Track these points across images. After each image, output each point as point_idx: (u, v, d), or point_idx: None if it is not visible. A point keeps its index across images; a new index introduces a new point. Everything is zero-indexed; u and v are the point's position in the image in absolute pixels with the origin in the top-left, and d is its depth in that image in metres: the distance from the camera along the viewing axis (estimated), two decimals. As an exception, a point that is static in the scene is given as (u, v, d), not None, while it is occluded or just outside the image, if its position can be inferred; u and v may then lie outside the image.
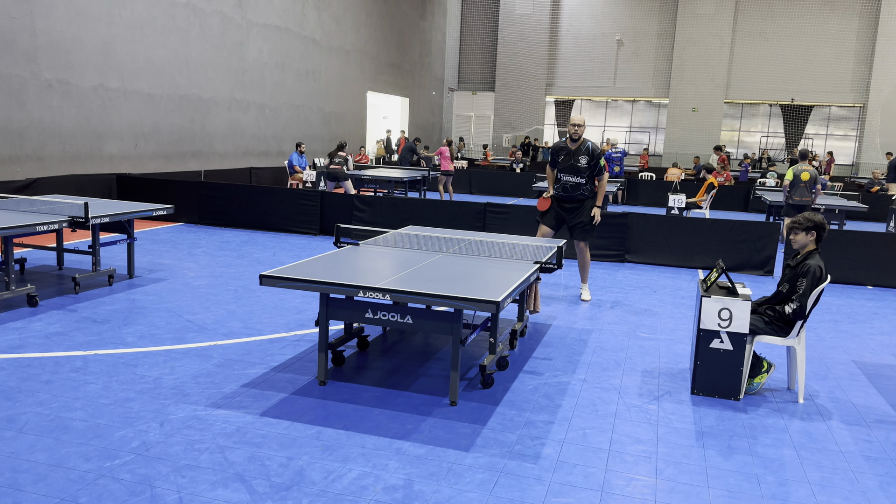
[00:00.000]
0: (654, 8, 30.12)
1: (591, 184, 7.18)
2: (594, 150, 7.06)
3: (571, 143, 7.09)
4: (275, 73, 18.16)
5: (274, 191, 11.68)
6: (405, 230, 6.79)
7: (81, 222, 6.64)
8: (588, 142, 7.09)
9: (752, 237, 9.61)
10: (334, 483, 3.47)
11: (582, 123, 7.02)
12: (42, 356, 5.10)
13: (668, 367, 5.51)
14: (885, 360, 5.98)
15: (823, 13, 28.05)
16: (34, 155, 11.51)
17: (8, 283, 6.24)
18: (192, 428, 4.00)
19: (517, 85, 32.12)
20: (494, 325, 4.93)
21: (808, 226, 4.89)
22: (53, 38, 11.60)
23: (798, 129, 29.50)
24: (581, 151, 7.05)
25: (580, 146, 7.04)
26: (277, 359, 5.28)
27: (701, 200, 14.55)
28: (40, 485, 3.34)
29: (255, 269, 8.55)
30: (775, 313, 4.93)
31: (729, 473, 3.77)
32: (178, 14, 14.45)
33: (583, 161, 7.03)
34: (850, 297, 8.48)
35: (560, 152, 7.16)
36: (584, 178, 7.10)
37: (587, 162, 7.03)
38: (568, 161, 7.08)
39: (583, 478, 3.65)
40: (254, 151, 17.53)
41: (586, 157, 7.03)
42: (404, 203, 11.22)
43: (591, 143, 7.14)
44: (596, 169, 7.10)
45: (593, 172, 7.11)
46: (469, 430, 4.14)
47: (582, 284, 7.54)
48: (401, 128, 27.30)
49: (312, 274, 4.55)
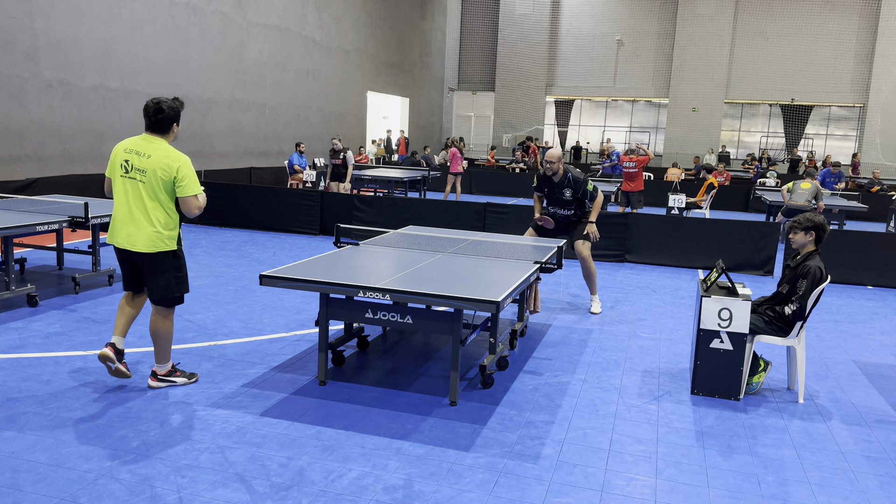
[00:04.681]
0: (654, 8, 30.12)
1: (581, 209, 7.00)
2: (577, 180, 6.83)
3: (553, 177, 6.87)
4: (275, 73, 18.16)
5: (274, 191, 11.68)
6: (405, 230, 6.78)
7: (81, 222, 6.64)
8: (569, 173, 6.85)
9: (752, 237, 9.61)
10: (334, 483, 3.47)
11: (555, 160, 6.74)
12: (42, 356, 5.10)
13: (668, 367, 5.51)
14: (885, 360, 5.98)
15: (823, 13, 28.04)
16: (34, 155, 11.51)
17: (8, 283, 6.24)
18: (192, 428, 4.00)
19: (517, 85, 32.11)
20: (494, 325, 4.93)
21: (808, 226, 4.89)
22: (53, 38, 11.60)
23: (798, 129, 29.49)
24: (564, 185, 6.84)
25: (562, 179, 6.84)
26: (277, 359, 5.28)
27: (701, 200, 14.55)
28: (40, 485, 3.34)
29: (255, 269, 8.55)
30: (775, 313, 4.93)
31: (729, 473, 3.77)
32: (178, 14, 14.44)
33: (567, 194, 6.85)
34: (850, 297, 8.48)
35: (545, 184, 6.97)
36: (571, 209, 6.94)
37: (571, 195, 6.85)
38: (553, 194, 6.92)
39: (583, 478, 3.65)
40: (254, 151, 17.52)
41: (570, 190, 6.84)
42: (404, 203, 11.22)
43: (573, 173, 6.88)
44: (585, 196, 6.90)
45: (582, 200, 6.94)
46: (469, 430, 4.14)
47: (591, 297, 7.23)
48: (400, 128, 27.29)
49: (312, 274, 4.55)
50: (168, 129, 4.33)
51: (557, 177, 6.84)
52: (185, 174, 4.24)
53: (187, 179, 4.25)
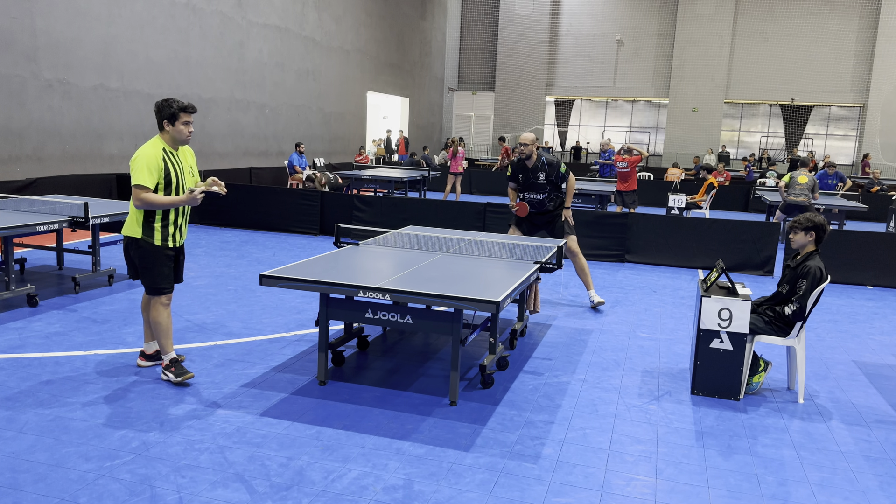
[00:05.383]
0: (654, 8, 30.12)
1: (555, 194, 7.00)
2: (551, 163, 6.86)
3: (527, 161, 6.89)
4: (275, 73, 18.15)
5: (274, 191, 11.68)
6: (405, 230, 6.78)
7: (81, 222, 6.64)
8: (542, 157, 6.88)
9: (752, 237, 9.61)
10: (334, 483, 3.47)
11: (529, 142, 6.76)
12: (42, 356, 5.10)
13: (668, 367, 5.51)
14: (885, 360, 5.98)
15: (823, 13, 28.05)
16: (34, 155, 11.50)
17: (8, 283, 6.24)
18: (192, 428, 4.00)
19: (517, 85, 32.11)
20: (494, 325, 4.93)
21: (808, 226, 4.89)
22: (53, 38, 11.60)
23: (798, 129, 29.49)
24: (538, 168, 6.85)
25: (536, 163, 6.85)
26: (277, 359, 5.28)
27: (701, 200, 14.55)
28: (40, 485, 3.34)
29: (255, 269, 8.55)
30: (775, 313, 4.93)
31: (729, 473, 3.77)
32: (178, 14, 14.44)
33: (541, 178, 6.86)
34: (850, 297, 8.48)
35: (518, 171, 6.97)
36: (545, 193, 6.93)
37: (545, 178, 6.85)
38: (528, 179, 6.92)
39: (583, 478, 3.65)
40: (254, 151, 17.52)
41: (544, 174, 6.85)
42: (404, 203, 11.22)
43: (546, 156, 6.92)
44: (558, 179, 6.91)
45: (556, 184, 6.94)
46: (469, 430, 4.14)
47: (589, 292, 7.28)
48: (400, 128, 27.29)
49: (312, 274, 4.55)
50: (160, 127, 4.59)
51: (531, 161, 6.84)
52: (134, 166, 4.48)
53: (134, 171, 4.47)
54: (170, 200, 4.52)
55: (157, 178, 4.49)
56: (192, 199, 4.55)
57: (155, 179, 4.48)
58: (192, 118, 4.62)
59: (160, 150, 4.54)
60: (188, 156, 4.77)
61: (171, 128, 4.56)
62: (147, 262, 4.62)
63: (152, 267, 4.63)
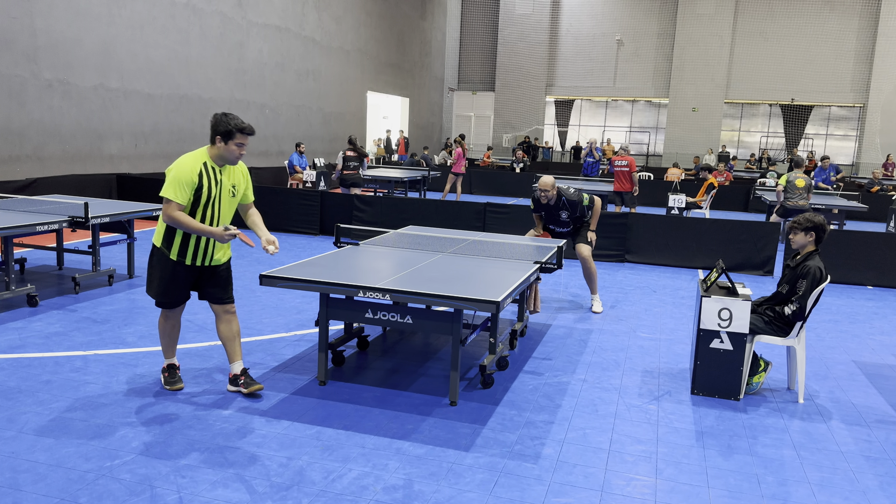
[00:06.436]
0: (654, 8, 30.12)
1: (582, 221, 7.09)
2: (573, 202, 6.89)
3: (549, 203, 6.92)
4: (275, 73, 18.16)
5: (274, 191, 11.68)
6: (405, 230, 6.79)
7: (81, 222, 6.64)
8: (563, 197, 6.88)
9: (752, 237, 9.61)
10: (334, 483, 3.47)
11: (549, 187, 6.74)
12: (42, 356, 5.10)
13: (668, 367, 5.51)
14: (885, 360, 5.98)
15: (823, 13, 28.05)
16: (34, 155, 11.51)
17: (8, 283, 6.24)
18: (192, 428, 4.00)
19: (517, 85, 32.11)
20: (494, 325, 4.93)
21: (808, 226, 4.89)
22: (53, 38, 11.60)
23: (798, 129, 29.50)
24: (559, 207, 6.92)
25: (557, 203, 6.90)
26: (277, 359, 5.28)
27: (701, 200, 14.55)
28: (40, 485, 3.34)
29: (255, 269, 8.55)
30: (775, 313, 4.93)
31: (729, 473, 3.77)
32: (178, 14, 14.44)
33: (564, 216, 6.97)
34: (850, 297, 8.48)
35: (541, 207, 7.02)
36: (569, 228, 7.09)
37: (568, 216, 6.96)
38: (551, 215, 7.02)
39: (583, 478, 3.65)
40: (254, 151, 17.52)
41: (566, 212, 6.93)
42: (404, 203, 11.23)
43: (567, 195, 6.90)
44: (583, 214, 6.99)
45: (581, 218, 7.04)
46: (469, 430, 4.14)
47: (592, 296, 7.28)
48: (400, 128, 27.29)
49: (312, 274, 4.55)
50: (212, 140, 4.25)
51: (552, 202, 6.92)
52: (168, 175, 4.18)
53: (166, 180, 4.18)
54: (196, 227, 4.15)
55: (189, 195, 4.15)
56: (219, 235, 4.19)
57: (186, 196, 4.14)
58: (247, 140, 4.24)
59: (200, 164, 4.20)
60: (234, 174, 4.37)
61: (223, 145, 4.19)
62: (154, 271, 4.39)
63: (155, 278, 4.39)
